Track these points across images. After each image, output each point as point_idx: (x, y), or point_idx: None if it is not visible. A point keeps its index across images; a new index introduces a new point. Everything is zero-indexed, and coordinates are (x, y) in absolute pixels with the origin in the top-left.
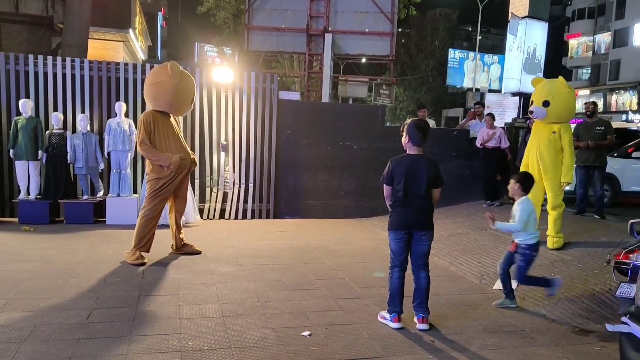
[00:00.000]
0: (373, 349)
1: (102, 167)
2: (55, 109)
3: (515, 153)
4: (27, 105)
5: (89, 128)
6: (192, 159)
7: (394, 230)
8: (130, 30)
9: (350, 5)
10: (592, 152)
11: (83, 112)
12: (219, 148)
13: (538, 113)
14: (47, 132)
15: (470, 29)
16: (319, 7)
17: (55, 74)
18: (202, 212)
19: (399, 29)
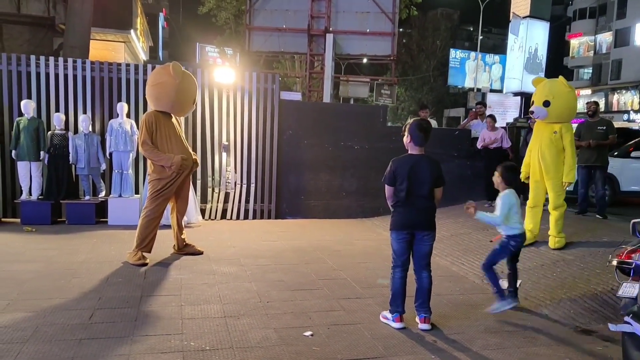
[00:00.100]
0: (375, 349)
1: (103, 167)
2: (57, 110)
3: (517, 152)
4: (29, 106)
5: (91, 129)
6: (193, 160)
7: (396, 231)
8: (132, 31)
9: (352, 6)
10: (593, 151)
11: (85, 112)
12: (221, 148)
13: (539, 113)
14: (49, 132)
15: (472, 29)
16: (320, 7)
17: (57, 75)
18: (203, 212)
19: (400, 29)
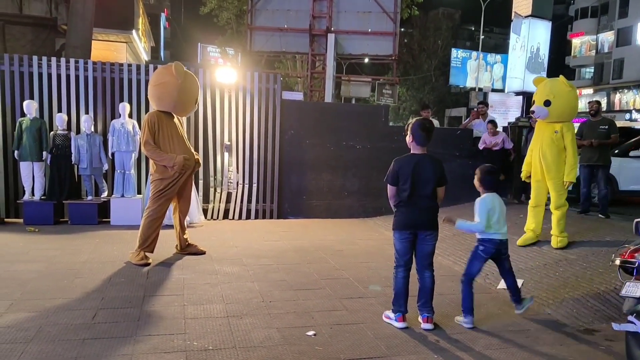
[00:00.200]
0: (378, 349)
1: (106, 167)
2: (60, 110)
3: (520, 152)
4: (31, 107)
5: (93, 129)
6: (196, 160)
7: (399, 230)
8: (134, 31)
9: (353, 5)
10: (595, 151)
11: (87, 113)
12: (223, 148)
13: (540, 113)
14: (51, 133)
15: (473, 29)
16: (322, 7)
17: (59, 75)
18: (206, 212)
19: (402, 29)
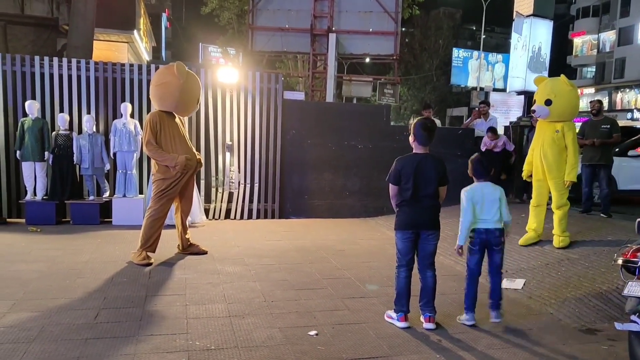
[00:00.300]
0: (380, 348)
1: (108, 167)
2: (61, 110)
3: (521, 151)
4: (33, 107)
5: (95, 129)
6: (197, 160)
7: (401, 230)
8: (135, 32)
9: (354, 5)
10: (597, 150)
11: (89, 113)
12: (224, 148)
13: (540, 112)
14: (53, 133)
15: (474, 28)
16: (323, 7)
17: (61, 75)
18: (207, 212)
19: (403, 29)
